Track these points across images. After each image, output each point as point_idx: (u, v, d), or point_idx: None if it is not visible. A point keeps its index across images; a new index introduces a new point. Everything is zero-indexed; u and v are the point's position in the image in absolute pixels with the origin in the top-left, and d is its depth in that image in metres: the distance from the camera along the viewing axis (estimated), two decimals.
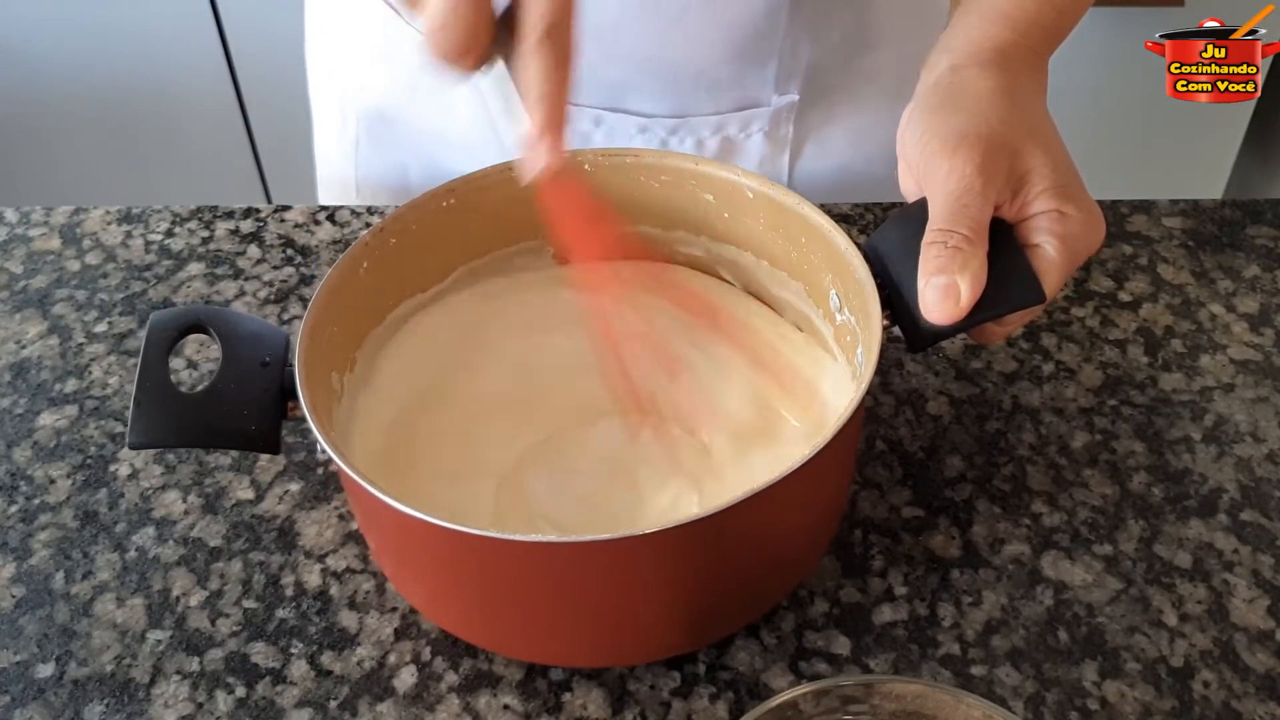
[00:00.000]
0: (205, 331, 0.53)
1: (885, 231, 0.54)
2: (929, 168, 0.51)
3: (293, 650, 0.55)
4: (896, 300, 0.52)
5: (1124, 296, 0.70)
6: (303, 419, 0.49)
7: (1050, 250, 0.51)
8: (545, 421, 0.59)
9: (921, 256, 0.50)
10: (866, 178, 0.78)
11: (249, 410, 0.51)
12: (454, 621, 0.54)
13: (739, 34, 0.70)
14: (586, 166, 0.61)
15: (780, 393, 0.58)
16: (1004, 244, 0.51)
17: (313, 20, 0.85)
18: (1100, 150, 1.66)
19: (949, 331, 0.51)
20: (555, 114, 0.45)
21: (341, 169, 0.85)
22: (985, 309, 0.50)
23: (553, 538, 0.45)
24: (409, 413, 0.59)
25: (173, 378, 0.51)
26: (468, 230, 0.61)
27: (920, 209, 0.52)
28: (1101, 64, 1.53)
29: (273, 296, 0.72)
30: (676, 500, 0.55)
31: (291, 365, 0.51)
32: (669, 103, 0.73)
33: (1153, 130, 1.61)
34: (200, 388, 0.51)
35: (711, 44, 0.70)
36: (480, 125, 0.76)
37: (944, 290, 0.49)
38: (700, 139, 0.74)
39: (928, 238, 0.50)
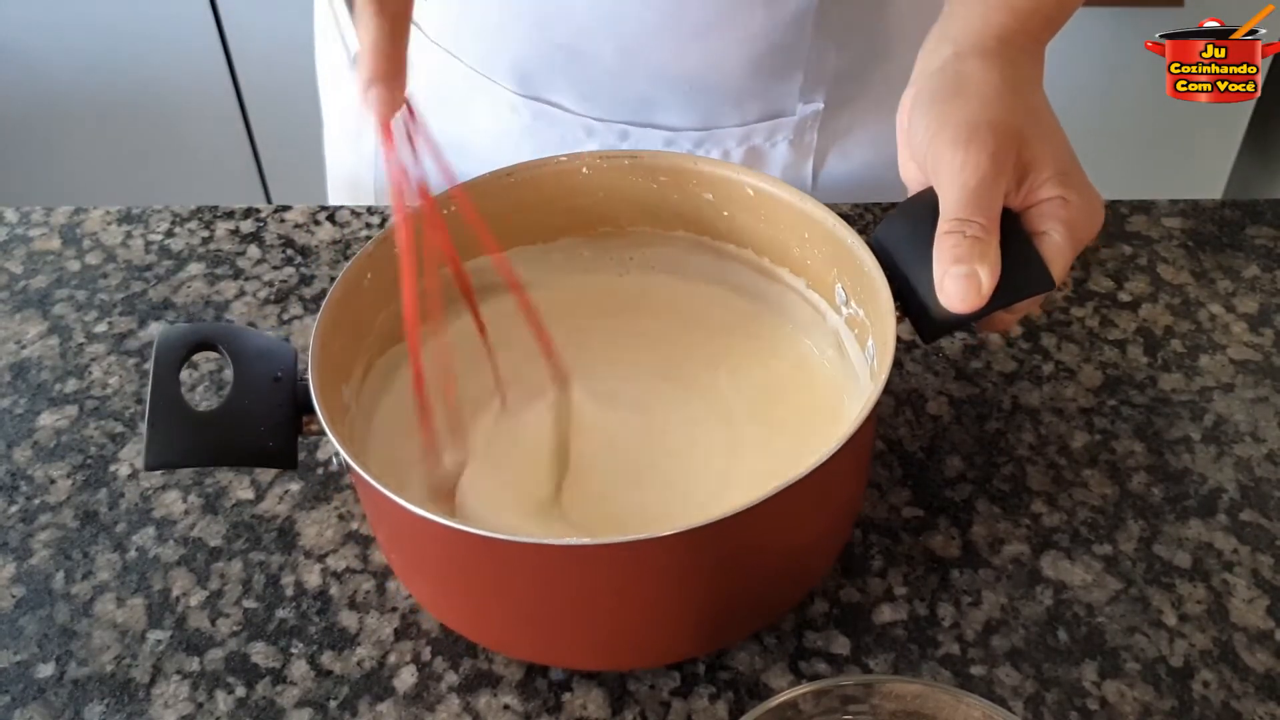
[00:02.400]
0: (213, 349, 0.52)
1: (891, 224, 0.55)
2: (940, 157, 0.51)
3: (293, 650, 0.55)
4: (906, 291, 0.52)
5: (1124, 296, 0.70)
6: (319, 433, 0.49)
7: (1057, 236, 0.51)
8: (551, 425, 0.59)
9: (937, 246, 0.50)
10: (889, 180, 0.78)
11: (266, 427, 0.50)
12: (462, 622, 0.54)
13: (763, 48, 0.70)
14: (585, 170, 0.61)
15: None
16: (1013, 231, 0.51)
17: (322, 30, 0.85)
18: (1100, 150, 1.65)
19: (962, 321, 0.51)
20: (382, 65, 0.45)
21: (357, 173, 0.85)
22: (999, 296, 0.50)
23: (569, 540, 0.45)
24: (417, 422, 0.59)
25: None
26: (469, 237, 0.61)
27: (924, 200, 0.52)
28: (1101, 64, 1.53)
29: (273, 297, 0.72)
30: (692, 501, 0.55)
31: (305, 379, 0.50)
32: (695, 115, 0.73)
33: (1153, 130, 1.61)
34: (202, 399, 0.51)
35: (736, 59, 0.70)
36: (504, 139, 0.76)
37: (965, 279, 0.49)
38: (726, 149, 0.75)
39: (944, 227, 0.50)
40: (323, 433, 0.49)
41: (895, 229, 0.54)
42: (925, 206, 0.52)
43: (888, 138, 0.77)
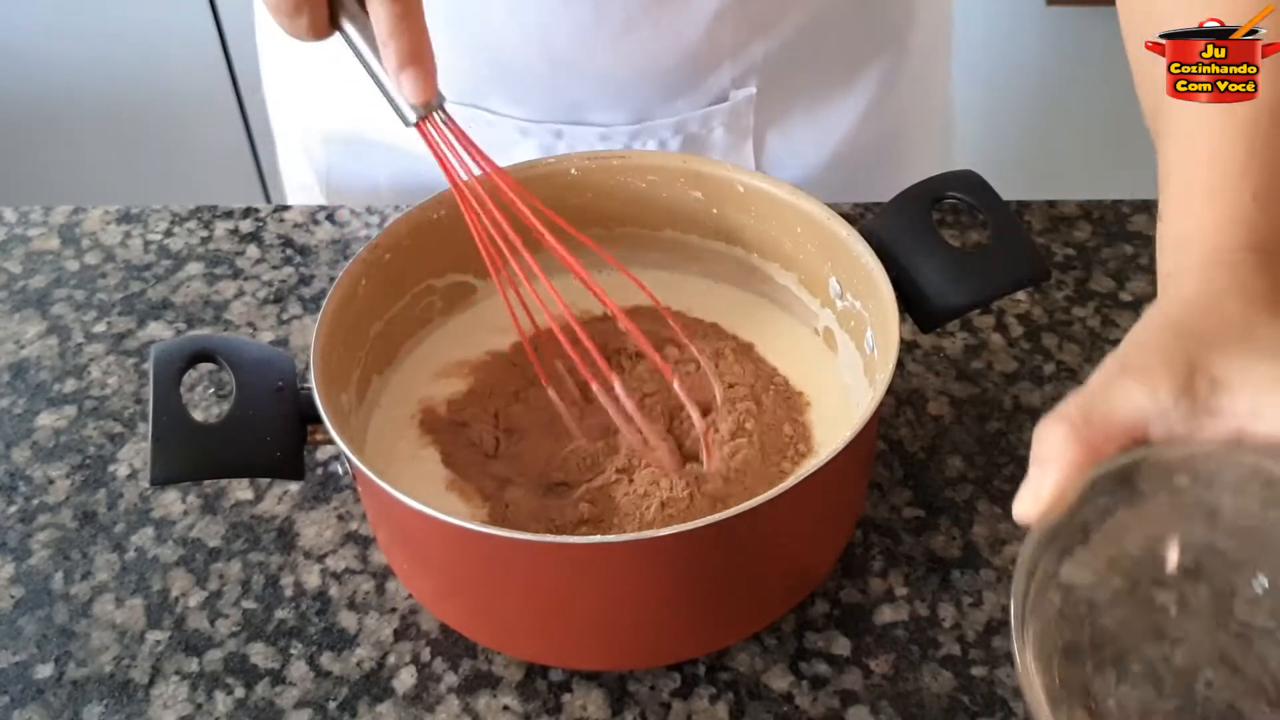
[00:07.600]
0: (211, 360, 0.52)
1: (886, 215, 0.55)
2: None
3: (292, 651, 0.55)
4: (905, 282, 0.53)
5: (1125, 296, 0.70)
6: (324, 442, 0.49)
7: None
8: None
9: None
10: (832, 160, 0.78)
11: (272, 437, 0.50)
12: (463, 621, 0.54)
13: (687, 41, 0.70)
14: (574, 171, 0.61)
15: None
16: (1006, 222, 0.53)
17: (267, 56, 0.86)
18: (1100, 150, 1.66)
19: (961, 309, 0.52)
20: (410, 47, 0.46)
21: (308, 179, 0.86)
22: (998, 287, 0.54)
23: (569, 539, 0.45)
24: (417, 426, 0.59)
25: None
26: (459, 242, 0.61)
27: (918, 191, 0.54)
28: (1102, 64, 1.53)
29: (272, 296, 0.72)
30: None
31: (308, 388, 0.50)
32: (627, 112, 0.74)
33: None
34: (202, 399, 0.51)
35: (660, 54, 0.71)
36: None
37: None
38: (662, 140, 0.75)
39: None
40: (329, 441, 0.49)
41: (892, 219, 0.55)
42: (920, 197, 0.53)
43: (827, 115, 0.77)
